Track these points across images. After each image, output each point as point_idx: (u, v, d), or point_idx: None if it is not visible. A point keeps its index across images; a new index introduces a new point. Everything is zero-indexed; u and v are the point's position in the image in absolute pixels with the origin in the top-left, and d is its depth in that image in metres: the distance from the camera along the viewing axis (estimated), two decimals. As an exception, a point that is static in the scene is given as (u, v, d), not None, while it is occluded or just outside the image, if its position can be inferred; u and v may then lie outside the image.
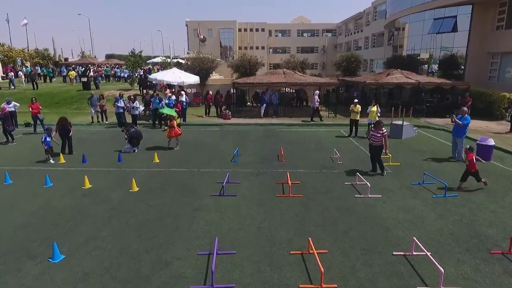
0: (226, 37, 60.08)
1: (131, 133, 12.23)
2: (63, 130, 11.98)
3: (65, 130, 12.01)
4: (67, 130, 12.03)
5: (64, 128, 11.98)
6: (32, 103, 15.49)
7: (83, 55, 67.74)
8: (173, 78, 18.09)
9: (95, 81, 26.28)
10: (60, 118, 12.08)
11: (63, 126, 11.96)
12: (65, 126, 12.00)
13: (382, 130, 9.46)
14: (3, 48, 43.37)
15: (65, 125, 12.00)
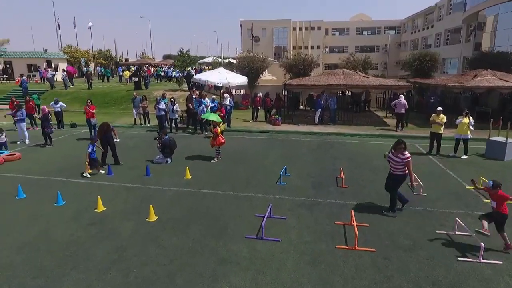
0: (280, 36, 58.12)
1: (164, 142, 10.66)
2: (105, 138, 10.62)
3: (107, 138, 10.66)
4: (109, 137, 10.67)
5: (106, 135, 10.64)
6: (86, 105, 14.23)
7: (142, 55, 70.73)
8: (218, 79, 16.44)
9: (145, 81, 25.89)
10: (102, 124, 10.76)
11: (105, 133, 10.61)
12: (107, 132, 10.64)
13: (404, 154, 6.68)
14: (70, 49, 46.15)
15: (108, 131, 10.64)
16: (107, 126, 10.67)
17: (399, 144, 6.71)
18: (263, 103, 17.74)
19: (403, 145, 6.71)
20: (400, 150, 6.70)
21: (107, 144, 10.77)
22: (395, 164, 6.82)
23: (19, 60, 37.22)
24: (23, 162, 11.01)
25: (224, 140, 10.86)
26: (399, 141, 6.80)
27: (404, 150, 6.71)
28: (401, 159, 6.70)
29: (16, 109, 14.05)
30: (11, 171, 10.04)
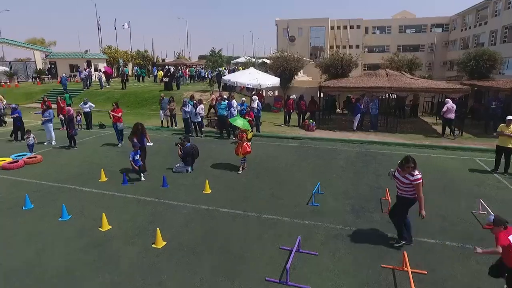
0: (317, 35, 56.20)
1: (186, 150, 9.73)
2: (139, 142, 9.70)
3: (141, 141, 9.80)
4: (142, 140, 9.84)
5: (142, 138, 9.82)
6: (113, 108, 13.03)
7: (178, 56, 71.89)
8: (248, 80, 15.35)
9: (177, 82, 25.50)
10: (136, 125, 9.80)
11: (140, 134, 9.75)
12: (142, 134, 9.82)
13: (414, 175, 5.36)
14: (110, 50, 47.52)
15: (142, 132, 9.81)
16: (142, 127, 9.85)
17: (408, 162, 5.38)
18: (297, 107, 16.39)
19: (412, 163, 5.36)
20: (409, 170, 5.37)
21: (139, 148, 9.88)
22: (402, 185, 5.53)
23: (62, 60, 38.79)
24: (42, 166, 10.61)
25: (250, 149, 9.72)
26: (407, 158, 5.44)
27: (413, 169, 5.37)
28: (409, 181, 5.39)
29: (44, 109, 13.88)
30: (28, 175, 9.62)
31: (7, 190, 8.50)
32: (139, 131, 9.78)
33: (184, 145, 9.84)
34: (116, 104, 12.64)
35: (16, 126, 14.37)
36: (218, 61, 23.84)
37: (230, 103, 14.11)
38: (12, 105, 15.33)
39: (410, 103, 18.96)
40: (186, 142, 9.89)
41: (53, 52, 41.87)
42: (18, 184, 8.94)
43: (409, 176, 5.41)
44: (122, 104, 23.46)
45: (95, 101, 24.97)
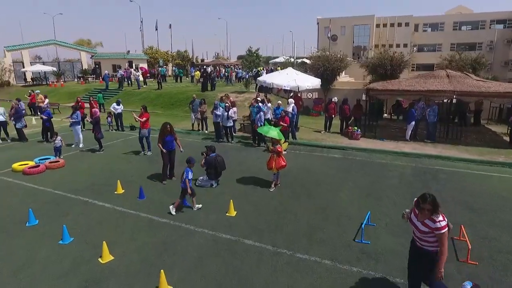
0: (360, 34, 53.32)
1: (208, 161, 8.54)
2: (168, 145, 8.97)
3: (171, 146, 9.04)
4: (171, 142, 9.03)
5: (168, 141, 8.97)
6: (140, 113, 11.68)
7: (217, 56, 72.13)
8: (285, 81, 13.89)
9: (212, 82, 24.70)
10: (164, 125, 8.93)
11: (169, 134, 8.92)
12: (172, 135, 9.01)
13: (436, 221, 3.76)
14: (151, 50, 48.38)
15: (171, 133, 8.96)
16: (170, 127, 8.92)
17: (425, 201, 3.80)
18: (340, 111, 14.63)
19: (430, 204, 3.76)
20: (426, 213, 3.80)
21: (169, 154, 9.08)
22: (420, 234, 3.93)
23: (106, 60, 39.92)
24: (63, 171, 9.99)
25: (285, 163, 8.29)
26: (425, 196, 3.84)
27: (434, 213, 3.77)
28: (429, 229, 3.81)
29: (73, 110, 13.48)
30: (45, 182, 8.98)
31: (20, 200, 7.84)
32: (167, 131, 8.84)
33: (208, 155, 8.66)
34: (143, 107, 11.69)
35: (45, 127, 14.18)
36: (255, 61, 22.59)
37: (259, 107, 12.75)
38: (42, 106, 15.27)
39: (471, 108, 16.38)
40: (210, 152, 8.70)
41: (98, 53, 43.35)
42: (32, 193, 8.28)
43: (429, 222, 3.78)
44: (156, 105, 23.16)
45: (131, 101, 24.97)
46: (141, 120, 11.26)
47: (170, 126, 8.90)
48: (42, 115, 13.98)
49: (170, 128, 8.89)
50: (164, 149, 8.91)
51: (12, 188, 8.62)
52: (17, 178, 9.37)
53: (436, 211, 3.78)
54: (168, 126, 8.87)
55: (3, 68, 34.05)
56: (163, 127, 8.91)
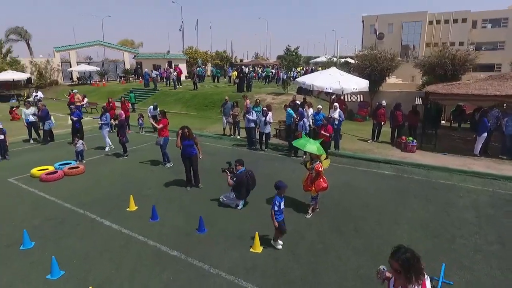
0: (410, 32, 49.40)
1: (239, 178, 7.18)
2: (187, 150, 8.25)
3: (190, 151, 8.28)
4: (190, 147, 8.25)
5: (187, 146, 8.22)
6: (159, 118, 10.60)
7: (256, 56, 71.18)
8: (328, 82, 12.18)
9: (248, 83, 23.49)
10: (182, 128, 8.15)
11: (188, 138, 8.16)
12: (191, 139, 8.22)
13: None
14: (191, 50, 48.53)
15: (189, 137, 8.18)
16: (189, 131, 8.12)
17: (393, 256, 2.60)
18: (392, 118, 12.62)
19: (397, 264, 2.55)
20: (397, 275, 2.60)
21: (188, 160, 8.30)
22: None
23: (147, 60, 40.47)
24: (80, 179, 9.22)
25: (326, 184, 6.72)
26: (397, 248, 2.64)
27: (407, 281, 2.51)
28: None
29: (102, 112, 12.88)
30: (56, 191, 8.21)
31: (24, 214, 7.06)
32: (185, 135, 8.05)
33: (236, 170, 7.32)
34: (162, 112, 10.60)
35: (75, 128, 13.75)
36: (294, 60, 20.97)
37: (302, 112, 11.23)
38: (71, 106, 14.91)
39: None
40: (239, 166, 7.35)
41: (140, 53, 44.20)
42: (40, 205, 7.50)
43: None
44: (190, 106, 22.43)
45: (166, 101, 24.52)
46: (158, 126, 10.21)
47: (188, 130, 8.13)
48: (72, 116, 13.56)
49: (188, 132, 8.09)
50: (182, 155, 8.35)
51: (23, 198, 7.93)
52: (32, 185, 8.73)
53: (410, 279, 2.47)
54: (186, 130, 8.09)
55: (52, 68, 35.63)
56: (180, 131, 8.13)
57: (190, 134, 8.18)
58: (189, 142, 8.19)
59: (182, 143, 8.16)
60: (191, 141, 8.21)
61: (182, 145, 8.18)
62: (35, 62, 34.38)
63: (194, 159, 8.36)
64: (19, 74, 29.26)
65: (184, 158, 8.37)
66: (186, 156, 8.30)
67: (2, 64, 30.83)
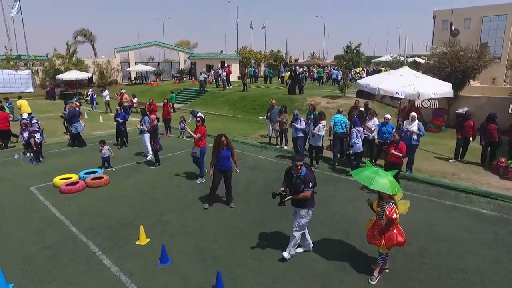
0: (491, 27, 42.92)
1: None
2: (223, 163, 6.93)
3: (225, 164, 6.96)
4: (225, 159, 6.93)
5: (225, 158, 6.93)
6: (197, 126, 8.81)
7: (312, 56, 68.30)
8: (399, 86, 9.70)
9: (300, 84, 21.45)
10: (218, 137, 6.89)
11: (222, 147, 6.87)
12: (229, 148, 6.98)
13: None
14: (244, 50, 47.67)
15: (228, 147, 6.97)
16: (226, 139, 6.95)
17: None
18: (483, 133, 9.74)
19: None
20: None
21: (222, 174, 7.03)
22: None
23: (201, 61, 40.46)
24: (98, 193, 8.13)
25: (403, 239, 4.58)
26: None
27: None
28: None
29: (142, 115, 11.86)
30: (69, 208, 7.15)
31: (23, 238, 6.03)
32: (222, 144, 6.80)
33: (286, 195, 5.47)
34: (201, 119, 9.04)
35: (119, 130, 13.06)
36: (354, 59, 18.41)
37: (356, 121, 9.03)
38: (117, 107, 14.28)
39: None
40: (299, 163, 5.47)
41: (194, 53, 44.46)
42: (45, 226, 6.44)
43: None
44: (238, 108, 21.06)
45: (214, 103, 23.54)
46: (195, 136, 8.71)
47: (225, 138, 6.84)
48: (118, 117, 12.84)
49: (225, 141, 6.80)
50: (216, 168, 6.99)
51: (32, 214, 6.97)
52: (49, 197, 7.84)
53: None
54: (223, 139, 6.80)
55: (112, 68, 37.11)
56: (217, 139, 6.85)
57: (228, 143, 6.88)
58: (226, 153, 6.86)
59: (219, 155, 6.82)
60: (229, 151, 6.88)
61: (218, 158, 6.85)
62: (97, 62, 36.05)
63: (229, 173, 7.07)
64: (81, 74, 30.64)
65: (216, 172, 6.96)
66: (220, 169, 6.95)
67: (68, 64, 32.64)
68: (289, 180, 5.11)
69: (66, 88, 31.10)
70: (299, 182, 4.94)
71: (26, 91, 30.97)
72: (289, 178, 5.13)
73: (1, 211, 7.13)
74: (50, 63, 32.96)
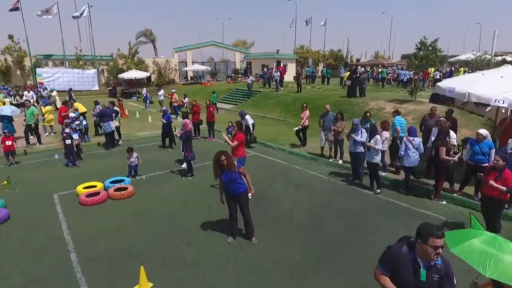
0: None
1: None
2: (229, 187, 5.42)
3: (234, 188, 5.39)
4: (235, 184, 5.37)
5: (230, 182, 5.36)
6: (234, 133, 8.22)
7: (377, 55, 63.41)
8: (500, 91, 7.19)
9: (361, 86, 19.01)
10: (217, 156, 5.32)
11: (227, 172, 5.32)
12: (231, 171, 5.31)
13: None
14: (302, 49, 45.63)
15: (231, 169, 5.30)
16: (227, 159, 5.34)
17: None
18: None
19: None
20: None
21: (234, 200, 5.51)
22: None
23: (256, 60, 39.54)
24: (117, 207, 7.16)
25: None
26: None
27: None
28: None
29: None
30: (77, 228, 6.22)
31: (17, 262, 5.18)
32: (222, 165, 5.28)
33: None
34: (236, 124, 7.63)
35: (164, 133, 12.35)
36: (429, 57, 15.50)
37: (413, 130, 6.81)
38: (163, 108, 13.56)
39: None
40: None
41: (250, 53, 43.68)
42: (45, 250, 5.54)
43: None
44: (290, 112, 19.36)
45: (266, 104, 22.14)
46: (231, 144, 7.32)
47: (225, 158, 5.28)
48: (162, 118, 12.12)
49: (226, 161, 5.25)
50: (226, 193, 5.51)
51: (38, 230, 6.18)
52: (67, 208, 7.10)
53: None
54: (222, 158, 5.26)
55: (170, 67, 37.90)
56: (215, 159, 5.34)
57: (229, 163, 5.23)
58: (230, 175, 5.28)
59: (221, 179, 5.35)
60: (234, 174, 5.27)
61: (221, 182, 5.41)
62: (157, 62, 37.06)
63: (242, 199, 5.46)
64: (140, 73, 31.59)
65: (227, 198, 5.53)
66: (230, 194, 5.46)
67: (129, 63, 33.96)
68: (405, 271, 2.64)
69: (126, 87, 32.34)
70: (435, 279, 2.61)
71: (92, 89, 32.97)
72: (403, 269, 2.65)
73: (13, 221, 6.50)
74: (114, 63, 34.63)
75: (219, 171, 5.25)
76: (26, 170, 9.84)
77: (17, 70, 31.25)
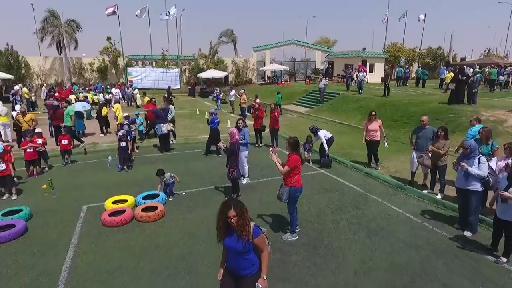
0: None
1: None
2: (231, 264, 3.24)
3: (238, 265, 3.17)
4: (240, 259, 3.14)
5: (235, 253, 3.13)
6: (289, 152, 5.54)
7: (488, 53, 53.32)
8: None
9: (471, 91, 14.94)
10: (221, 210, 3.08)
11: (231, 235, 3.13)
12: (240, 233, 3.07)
13: None
14: (393, 47, 40.63)
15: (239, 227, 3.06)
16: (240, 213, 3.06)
17: None
18: None
19: None
20: None
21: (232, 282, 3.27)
22: None
23: (338, 59, 36.56)
24: (142, 231, 5.87)
25: None
26: None
27: None
28: None
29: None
30: (87, 257, 5.07)
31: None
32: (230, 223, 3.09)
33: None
34: (291, 143, 5.53)
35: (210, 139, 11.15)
36: None
37: None
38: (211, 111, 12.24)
39: None
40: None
41: (333, 51, 40.58)
42: (37, 286, 4.46)
43: None
44: (372, 119, 16.42)
45: (344, 109, 19.40)
46: (281, 169, 5.36)
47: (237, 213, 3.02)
48: (211, 125, 10.95)
49: (235, 218, 3.02)
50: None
51: (40, 258, 5.20)
52: (86, 226, 6.14)
53: None
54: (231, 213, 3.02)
55: (248, 67, 37.35)
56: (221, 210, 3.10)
57: (241, 225, 3.03)
58: (236, 243, 3.07)
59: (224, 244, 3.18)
60: (245, 243, 3.05)
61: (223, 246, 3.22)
62: (235, 61, 36.87)
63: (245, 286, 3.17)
64: (217, 73, 31.59)
65: (225, 275, 3.33)
66: (229, 273, 3.27)
67: (209, 63, 34.39)
68: None
69: (204, 86, 32.74)
70: None
71: (174, 88, 34.34)
72: None
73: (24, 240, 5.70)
74: (195, 63, 35.52)
75: (224, 230, 3.14)
76: (74, 172, 9.48)
77: (112, 69, 34.25)
